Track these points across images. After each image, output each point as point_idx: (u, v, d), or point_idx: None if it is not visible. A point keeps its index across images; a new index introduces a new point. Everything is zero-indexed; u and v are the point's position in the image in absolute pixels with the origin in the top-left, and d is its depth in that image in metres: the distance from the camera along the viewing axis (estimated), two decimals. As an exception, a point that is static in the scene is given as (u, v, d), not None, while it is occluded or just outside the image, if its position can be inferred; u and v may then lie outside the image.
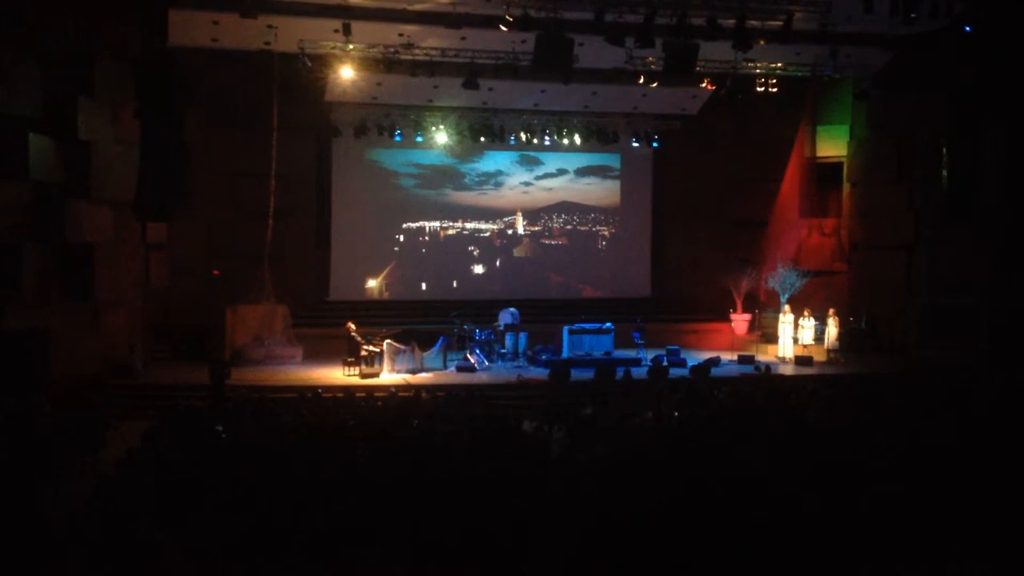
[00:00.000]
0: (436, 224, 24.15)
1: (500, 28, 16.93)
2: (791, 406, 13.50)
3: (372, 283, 23.67)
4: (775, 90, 20.36)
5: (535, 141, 23.39)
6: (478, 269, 24.50)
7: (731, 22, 17.09)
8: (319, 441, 10.55)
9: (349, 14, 17.29)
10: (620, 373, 17.69)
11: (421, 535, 6.86)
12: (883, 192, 22.35)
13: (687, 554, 6.63)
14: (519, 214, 24.75)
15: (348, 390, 15.67)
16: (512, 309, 20.88)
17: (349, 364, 18.12)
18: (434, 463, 9.14)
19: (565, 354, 19.93)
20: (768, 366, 18.67)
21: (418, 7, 17.50)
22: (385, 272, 23.73)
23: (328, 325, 20.83)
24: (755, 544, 6.70)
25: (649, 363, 18.84)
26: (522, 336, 20.43)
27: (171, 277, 20.39)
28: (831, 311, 20.71)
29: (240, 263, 20.54)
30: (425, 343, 19.01)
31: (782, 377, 18.33)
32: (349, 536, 6.90)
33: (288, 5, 17.11)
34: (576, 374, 18.00)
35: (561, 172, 24.93)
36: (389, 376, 18.02)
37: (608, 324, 20.47)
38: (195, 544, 6.64)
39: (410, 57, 18.70)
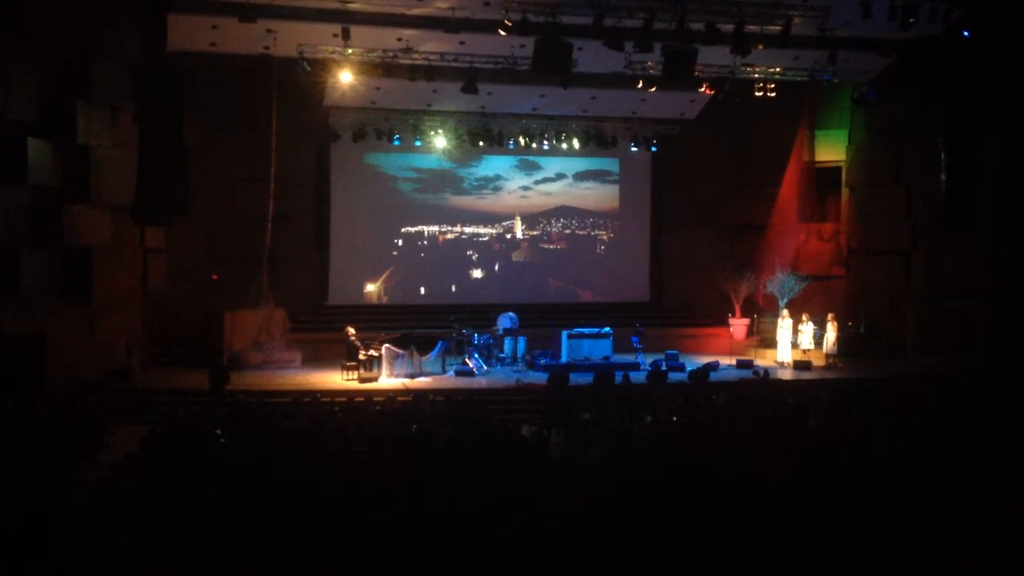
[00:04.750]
0: (435, 228, 24.15)
1: (499, 33, 16.97)
2: (790, 411, 13.48)
3: (371, 287, 23.66)
4: (773, 95, 20.40)
5: (534, 145, 23.40)
6: (477, 273, 24.50)
7: (730, 27, 17.12)
8: (317, 446, 10.53)
9: (348, 18, 17.32)
10: (619, 378, 17.67)
11: (419, 540, 6.84)
12: (881, 196, 22.37)
13: (686, 558, 6.62)
14: (518, 218, 24.75)
15: (347, 394, 15.66)
16: (511, 313, 20.86)
17: (348, 368, 18.11)
18: (433, 468, 9.13)
19: (564, 359, 19.93)
20: (767, 371, 18.65)
21: (417, 11, 17.53)
22: (384, 276, 23.73)
23: (327, 329, 20.84)
24: (754, 548, 6.69)
25: (648, 368, 18.81)
26: (521, 340, 20.43)
27: (170, 281, 20.37)
28: (830, 315, 20.72)
29: (239, 267, 20.54)
30: (424, 347, 18.99)
31: (781, 382, 18.31)
32: (346, 541, 6.89)
33: (287, 9, 17.14)
34: (575, 378, 17.98)
35: (560, 176, 24.94)
36: (388, 380, 18.02)
37: (607, 329, 20.47)
38: (189, 548, 6.62)
39: (409, 61, 18.73)
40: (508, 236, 24.70)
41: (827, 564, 6.66)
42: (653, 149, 24.36)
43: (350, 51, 18.18)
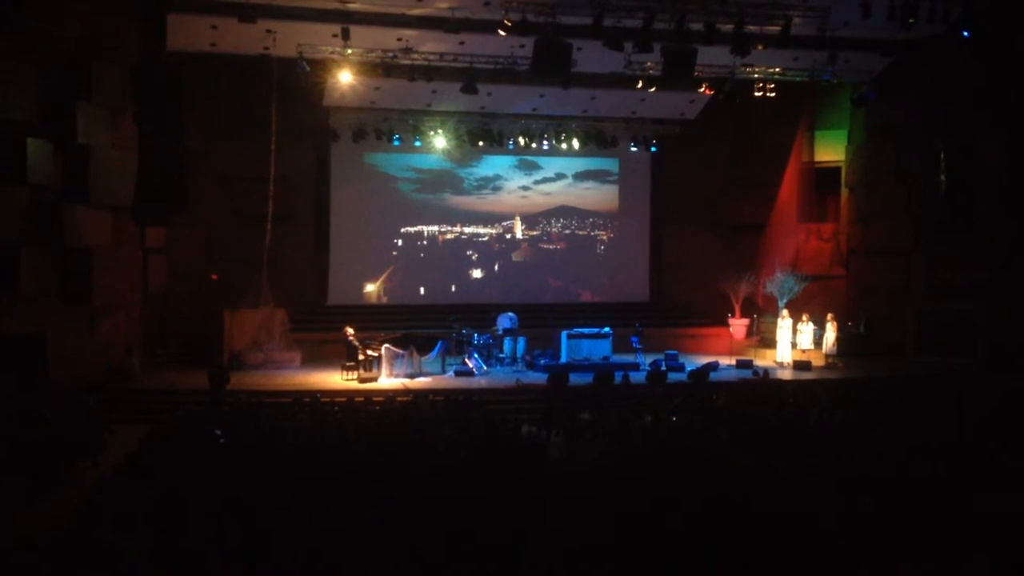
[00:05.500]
0: (435, 228, 24.15)
1: (499, 33, 16.98)
2: (790, 410, 13.50)
3: (371, 287, 23.66)
4: (773, 95, 20.41)
5: (534, 145, 23.40)
6: (476, 273, 24.49)
7: (729, 27, 17.13)
8: (317, 446, 10.54)
9: (348, 18, 17.33)
10: (618, 378, 17.66)
11: (419, 539, 6.85)
12: (881, 197, 22.36)
13: (684, 556, 6.62)
14: (518, 218, 24.75)
15: (347, 395, 15.67)
16: (511, 314, 20.84)
17: (348, 369, 18.10)
18: (432, 467, 9.14)
19: (563, 359, 19.92)
20: (766, 371, 18.67)
21: (417, 12, 17.53)
22: (384, 276, 23.72)
23: (327, 329, 20.83)
24: (753, 546, 6.69)
25: (647, 368, 18.80)
26: (520, 340, 20.42)
27: (170, 281, 20.38)
28: (829, 316, 20.70)
29: (239, 267, 20.52)
30: (424, 347, 18.99)
31: (780, 382, 18.32)
32: (346, 543, 6.89)
33: (287, 9, 17.14)
34: (574, 379, 17.97)
35: (560, 176, 24.94)
36: (387, 380, 18.01)
37: (606, 329, 20.46)
38: (188, 549, 6.62)
39: (408, 61, 18.73)
40: (508, 236, 24.70)
41: (827, 564, 6.66)
42: (653, 149, 24.37)
43: (350, 51, 18.17)
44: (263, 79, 19.70)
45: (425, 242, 24.09)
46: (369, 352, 18.14)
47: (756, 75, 20.21)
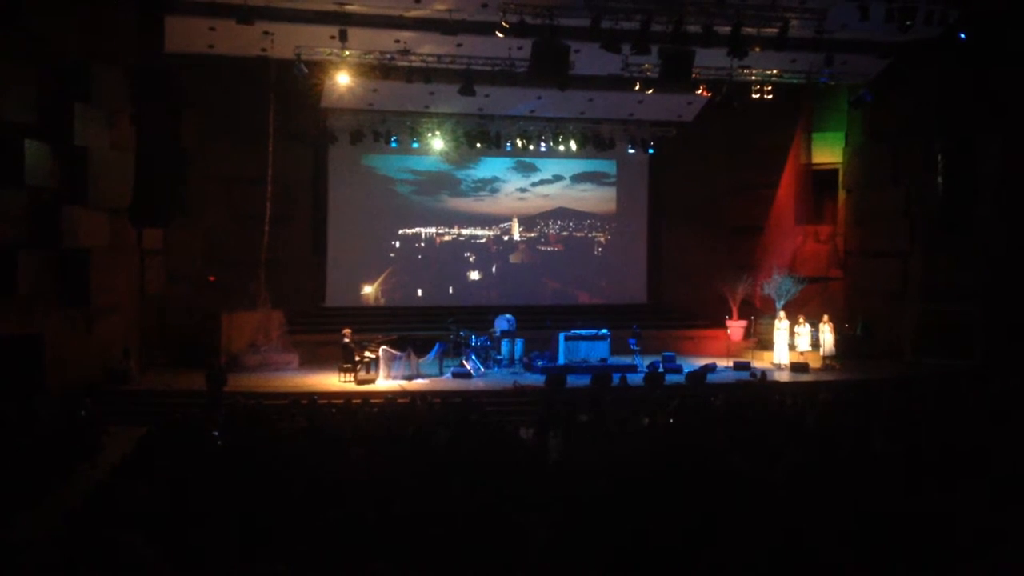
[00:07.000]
0: (432, 230, 24.15)
1: (496, 35, 17.00)
2: (787, 412, 13.50)
3: (368, 289, 23.65)
4: (771, 97, 20.45)
5: (531, 147, 23.40)
6: (474, 275, 24.49)
7: (727, 29, 17.16)
8: (314, 448, 10.53)
9: (346, 20, 17.35)
10: (616, 380, 17.65)
11: (417, 541, 6.85)
12: (878, 199, 22.40)
13: (683, 559, 6.63)
14: (515, 220, 24.75)
15: (344, 396, 15.66)
16: (508, 315, 20.84)
17: (345, 371, 18.09)
18: (430, 469, 9.14)
19: (561, 361, 19.92)
20: (764, 373, 18.68)
21: (414, 13, 17.55)
22: (381, 278, 23.72)
23: (324, 331, 20.81)
24: (752, 549, 6.70)
25: (645, 370, 18.81)
26: (518, 342, 20.41)
27: (167, 283, 20.36)
28: (826, 317, 20.71)
29: (236, 269, 20.52)
30: (421, 349, 18.99)
31: (778, 384, 18.32)
32: (344, 543, 6.89)
33: (285, 11, 17.16)
34: (572, 380, 17.99)
35: (557, 178, 24.95)
36: (385, 383, 18.01)
37: (604, 331, 20.46)
38: (186, 549, 6.62)
39: (406, 63, 18.76)
40: (505, 238, 24.70)
41: (825, 564, 6.66)
42: (650, 151, 24.39)
43: (347, 53, 18.19)
44: (261, 81, 19.73)
45: (423, 244, 24.09)
46: (367, 354, 18.13)
47: (753, 77, 20.24)
